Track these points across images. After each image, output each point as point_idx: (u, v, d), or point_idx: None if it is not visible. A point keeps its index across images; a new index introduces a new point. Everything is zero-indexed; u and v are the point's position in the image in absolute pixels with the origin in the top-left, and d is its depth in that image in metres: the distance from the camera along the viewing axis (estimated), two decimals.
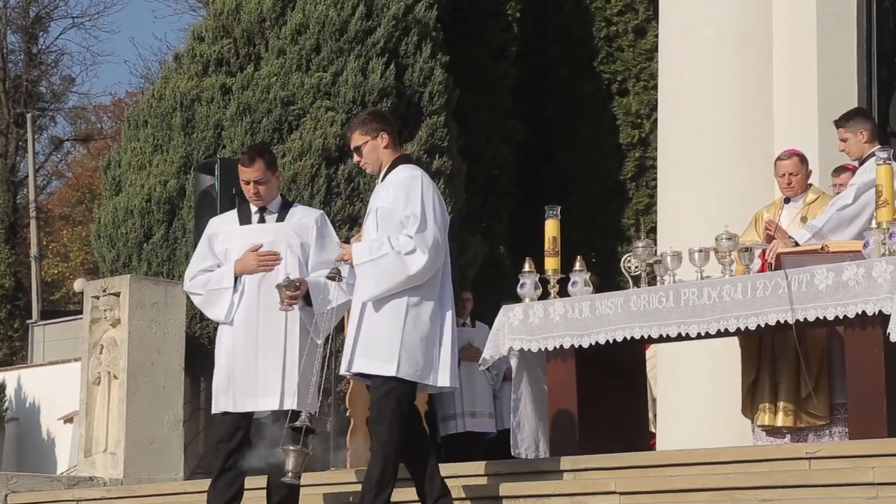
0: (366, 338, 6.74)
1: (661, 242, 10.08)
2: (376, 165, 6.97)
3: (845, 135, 8.32)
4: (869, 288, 7.16)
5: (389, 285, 6.70)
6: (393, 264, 6.69)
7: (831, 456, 6.77)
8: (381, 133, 6.94)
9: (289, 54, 11.63)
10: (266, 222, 7.29)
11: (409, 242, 6.71)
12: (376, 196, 6.95)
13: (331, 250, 7.21)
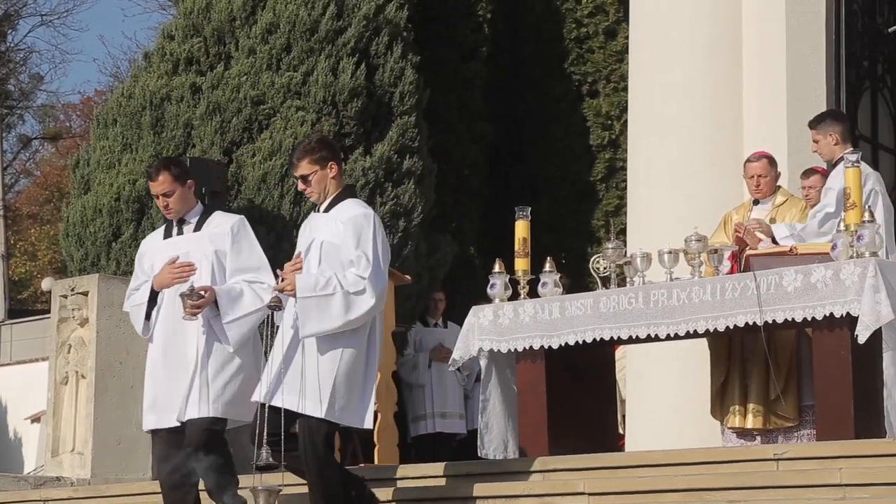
0: (298, 375, 6.56)
1: (631, 244, 10.10)
2: (322, 195, 6.85)
3: (817, 136, 8.36)
4: (837, 290, 7.20)
5: (333, 325, 6.56)
6: (340, 303, 6.55)
7: (799, 457, 6.80)
8: (330, 163, 6.84)
9: (259, 54, 11.60)
10: (184, 234, 7.18)
11: (360, 282, 6.59)
12: (318, 227, 6.79)
13: (247, 256, 7.07)
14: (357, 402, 6.68)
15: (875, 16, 11.00)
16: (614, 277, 8.31)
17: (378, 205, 11.31)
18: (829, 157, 8.30)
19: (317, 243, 6.74)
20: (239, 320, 6.93)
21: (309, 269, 6.67)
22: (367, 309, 6.60)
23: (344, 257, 6.66)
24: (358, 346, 6.67)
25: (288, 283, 6.59)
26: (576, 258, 13.03)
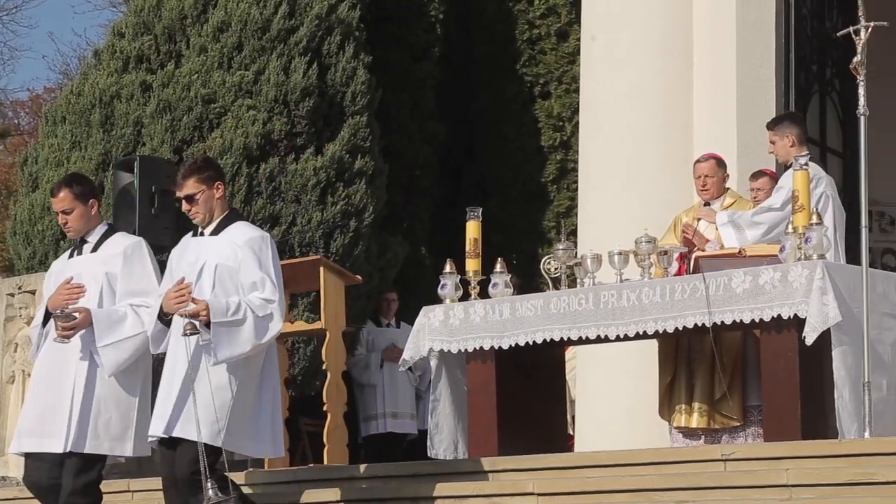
0: (191, 401, 6.39)
1: (582, 245, 10.14)
2: (207, 216, 6.70)
3: (774, 138, 8.45)
4: (785, 292, 7.25)
5: (244, 349, 6.43)
6: (252, 328, 6.43)
7: (746, 458, 6.85)
8: (217, 183, 6.72)
9: (210, 52, 11.54)
10: (82, 254, 7.03)
11: (268, 306, 6.49)
12: (206, 250, 6.63)
13: (138, 279, 6.90)
14: (258, 429, 6.56)
15: (824, 20, 11.08)
16: (565, 278, 8.34)
17: (329, 204, 11.29)
18: (785, 159, 8.38)
19: (209, 266, 6.58)
20: (116, 345, 6.73)
21: (201, 293, 6.50)
22: (276, 332, 6.52)
23: (243, 280, 6.52)
24: (253, 372, 6.54)
25: (200, 307, 6.41)
26: (527, 259, 13.06)
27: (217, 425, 6.40)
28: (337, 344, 9.19)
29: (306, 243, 11.18)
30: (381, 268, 11.93)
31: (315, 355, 10.85)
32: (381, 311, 12.07)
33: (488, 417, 8.26)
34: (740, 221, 8.21)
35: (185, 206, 6.73)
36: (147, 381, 6.91)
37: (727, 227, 8.25)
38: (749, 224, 8.19)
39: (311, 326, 9.62)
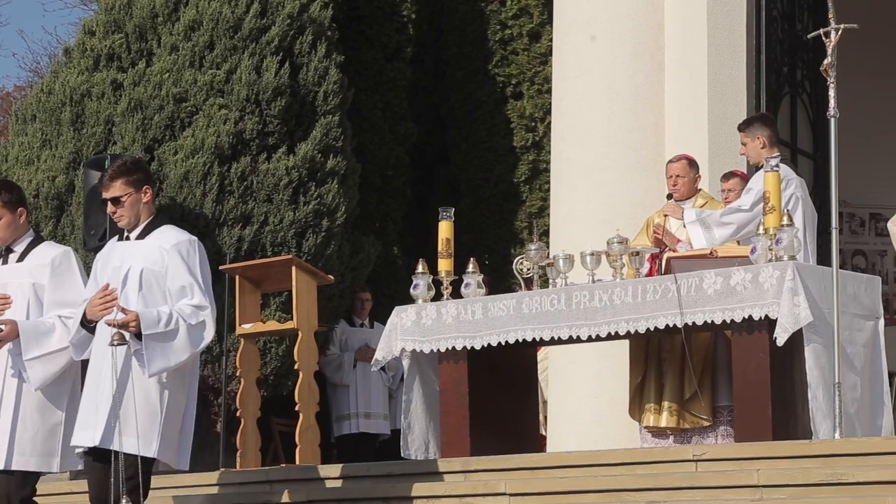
0: (124, 412, 6.25)
1: (554, 245, 10.15)
2: (133, 220, 6.55)
3: (745, 139, 8.50)
4: (756, 293, 7.28)
5: (179, 359, 6.31)
6: (185, 338, 6.31)
7: (717, 458, 6.87)
8: (145, 186, 6.56)
9: (182, 51, 11.50)
10: (8, 263, 6.84)
11: (199, 313, 6.38)
12: (132, 255, 6.49)
13: (67, 289, 6.71)
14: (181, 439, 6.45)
15: (795, 22, 11.13)
16: (537, 279, 8.36)
17: (301, 204, 11.27)
18: (756, 161, 8.43)
19: (135, 271, 6.44)
20: (43, 358, 6.55)
21: (127, 299, 6.37)
22: (209, 339, 6.42)
23: (171, 285, 6.41)
24: (179, 381, 6.43)
25: (130, 317, 6.25)
26: (499, 259, 13.07)
27: (150, 436, 6.28)
28: (309, 344, 9.18)
29: (278, 243, 11.16)
30: (353, 267, 11.91)
31: (287, 355, 10.83)
32: (355, 310, 12.06)
33: (460, 417, 8.26)
34: (709, 220, 8.25)
35: (110, 208, 6.57)
36: (75, 393, 6.73)
37: (695, 225, 8.29)
38: (718, 223, 8.23)
39: (282, 326, 9.60)
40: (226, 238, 11.09)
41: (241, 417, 9.37)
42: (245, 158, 11.28)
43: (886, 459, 6.39)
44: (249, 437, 9.30)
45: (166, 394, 6.38)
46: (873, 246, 13.48)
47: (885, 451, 6.47)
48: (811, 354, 7.20)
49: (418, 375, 8.61)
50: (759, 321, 7.30)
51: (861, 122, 12.16)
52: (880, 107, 13.00)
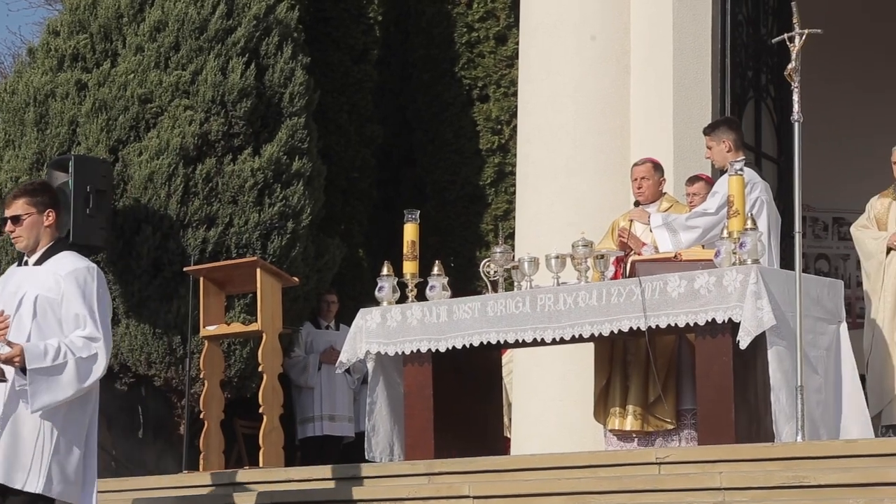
0: (12, 445, 5.98)
1: (519, 248, 10.17)
2: (32, 243, 6.25)
3: (710, 143, 8.54)
4: (719, 296, 7.31)
5: (66, 394, 6.02)
6: (73, 371, 6.03)
7: (680, 461, 6.90)
8: (48, 210, 6.25)
9: (147, 51, 11.45)
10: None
11: (91, 346, 6.08)
12: (27, 281, 6.22)
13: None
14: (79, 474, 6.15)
15: (759, 27, 11.18)
16: (502, 281, 8.37)
17: (266, 206, 11.24)
18: (722, 164, 8.47)
19: (29, 297, 6.17)
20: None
21: (20, 326, 6.13)
22: (101, 374, 6.13)
23: (65, 313, 6.13)
24: (75, 414, 6.16)
25: (15, 353, 5.96)
26: (464, 262, 13.08)
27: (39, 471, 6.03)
28: (273, 346, 9.16)
29: (243, 244, 11.13)
30: (318, 270, 11.89)
31: (251, 357, 10.80)
32: (321, 312, 12.04)
33: (425, 420, 8.26)
34: (675, 225, 8.27)
35: (8, 226, 6.29)
36: None
37: (661, 229, 8.32)
38: (684, 227, 8.25)
39: (247, 328, 9.58)
40: (190, 239, 11.05)
41: (204, 419, 9.34)
42: (210, 160, 11.24)
43: (848, 462, 6.43)
44: (213, 439, 9.27)
45: (57, 428, 6.09)
46: (836, 250, 13.55)
47: (847, 453, 6.52)
48: (774, 357, 7.23)
49: (383, 378, 8.60)
50: (722, 324, 7.33)
51: (825, 126, 12.23)
52: (844, 111, 13.09)
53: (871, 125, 12.90)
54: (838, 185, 12.71)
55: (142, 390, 11.59)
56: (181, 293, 10.95)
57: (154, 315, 11.12)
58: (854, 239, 9.19)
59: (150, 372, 11.18)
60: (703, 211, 8.28)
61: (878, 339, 8.82)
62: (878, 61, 13.25)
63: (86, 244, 10.72)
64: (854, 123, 13.18)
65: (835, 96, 12.90)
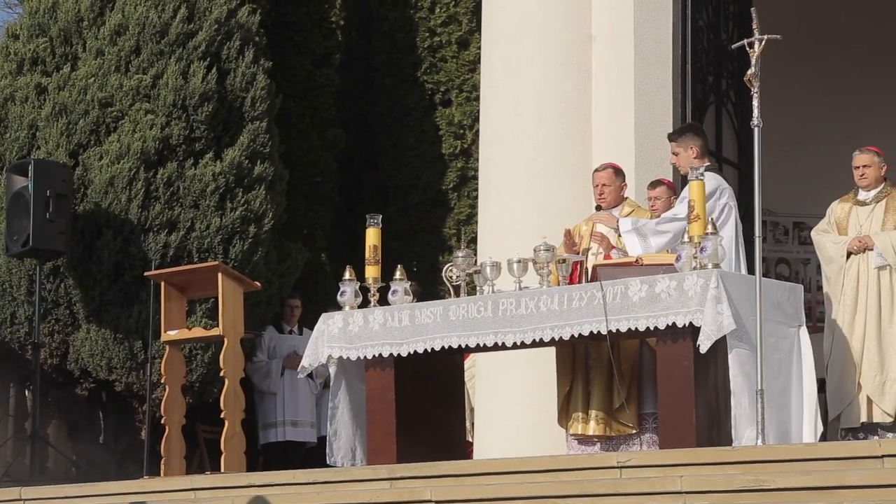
0: None
1: (482, 253, 10.17)
2: None
3: (677, 149, 8.57)
4: (680, 300, 7.34)
5: None
6: None
7: (642, 465, 6.91)
8: None
9: (107, 55, 11.40)
10: None
11: None
12: None
13: None
14: None
15: (720, 32, 11.23)
16: (464, 286, 8.37)
17: (228, 210, 11.21)
18: (688, 170, 8.49)
19: None
20: None
21: None
22: None
23: None
24: None
25: None
26: (427, 266, 13.07)
27: None
28: (235, 351, 9.12)
29: (205, 249, 11.09)
30: (280, 274, 11.87)
31: (213, 362, 10.77)
32: (284, 317, 12.00)
33: (387, 424, 8.25)
34: (645, 230, 8.29)
35: None
36: None
37: (631, 234, 8.34)
38: (654, 232, 8.27)
39: (208, 333, 9.53)
40: (151, 244, 11.01)
41: (165, 425, 9.30)
42: (171, 164, 11.20)
43: (808, 466, 6.47)
44: (174, 444, 9.23)
45: None
46: (797, 254, 13.62)
47: (807, 457, 6.55)
48: (735, 361, 7.26)
49: (345, 382, 8.59)
50: (683, 329, 7.35)
51: (785, 131, 12.30)
52: (803, 115, 13.16)
53: (832, 129, 12.99)
54: (799, 189, 12.78)
55: (102, 396, 11.54)
56: (142, 298, 10.91)
57: (115, 320, 11.07)
58: (814, 243, 9.25)
59: (110, 377, 11.13)
60: (672, 216, 8.31)
61: (838, 342, 8.89)
62: (840, 64, 13.32)
63: (46, 249, 10.67)
64: (814, 127, 13.25)
65: (795, 100, 12.97)
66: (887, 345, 8.71)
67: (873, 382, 8.69)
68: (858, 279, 8.83)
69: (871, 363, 8.71)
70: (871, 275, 8.80)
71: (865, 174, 9.02)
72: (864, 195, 9.06)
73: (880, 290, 8.79)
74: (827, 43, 13.23)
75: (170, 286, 9.41)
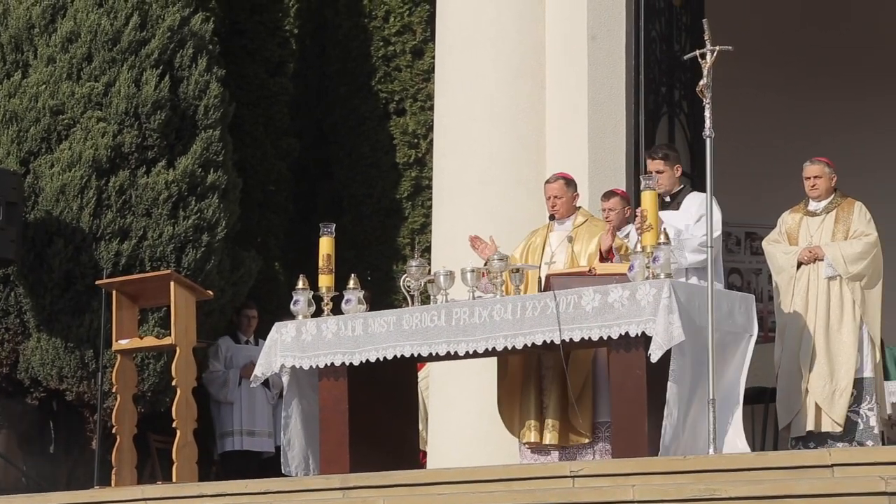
0: None
1: (436, 262, 10.18)
2: None
3: (663, 167, 8.73)
4: (633, 310, 7.38)
5: None
6: None
7: (594, 474, 6.93)
8: None
9: (59, 62, 11.33)
10: None
11: None
12: None
13: None
14: None
15: (672, 43, 11.29)
16: (418, 295, 8.37)
17: (181, 219, 11.16)
18: (670, 188, 8.69)
19: None
20: None
21: None
22: None
23: None
24: None
25: None
26: (381, 275, 13.07)
27: None
28: (187, 360, 9.08)
29: (157, 258, 11.04)
30: (234, 283, 11.82)
31: (165, 371, 10.71)
32: (240, 327, 11.95)
33: (340, 434, 8.24)
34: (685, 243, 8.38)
35: None
36: None
37: None
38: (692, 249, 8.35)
39: (160, 342, 9.49)
40: (103, 252, 10.94)
41: (117, 434, 9.24)
42: (124, 172, 11.14)
43: (759, 475, 6.51)
44: (125, 454, 9.18)
45: None
46: (748, 264, 13.71)
47: (758, 466, 6.59)
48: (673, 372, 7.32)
49: (298, 392, 8.57)
50: (636, 338, 7.39)
51: (736, 140, 12.37)
52: (754, 126, 13.24)
53: (782, 139, 13.08)
54: (750, 199, 12.86)
55: (53, 405, 11.46)
56: (93, 307, 10.84)
57: (66, 329, 11.00)
58: (766, 253, 9.31)
59: (61, 386, 11.05)
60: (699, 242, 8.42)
61: (788, 352, 8.95)
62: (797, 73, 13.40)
63: None
64: (765, 138, 13.34)
65: (746, 110, 13.04)
66: (836, 354, 8.78)
67: (823, 392, 8.76)
68: (808, 289, 8.91)
69: (820, 373, 8.78)
70: (821, 285, 8.87)
71: (816, 185, 9.10)
72: (815, 206, 9.13)
73: (830, 300, 8.86)
74: (787, 53, 13.32)
75: (121, 295, 9.36)
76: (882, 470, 6.15)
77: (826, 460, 6.42)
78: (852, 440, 8.77)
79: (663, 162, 8.74)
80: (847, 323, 8.81)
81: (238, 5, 13.36)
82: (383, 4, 13.86)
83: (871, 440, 8.77)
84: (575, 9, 10.47)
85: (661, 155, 8.82)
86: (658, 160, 8.77)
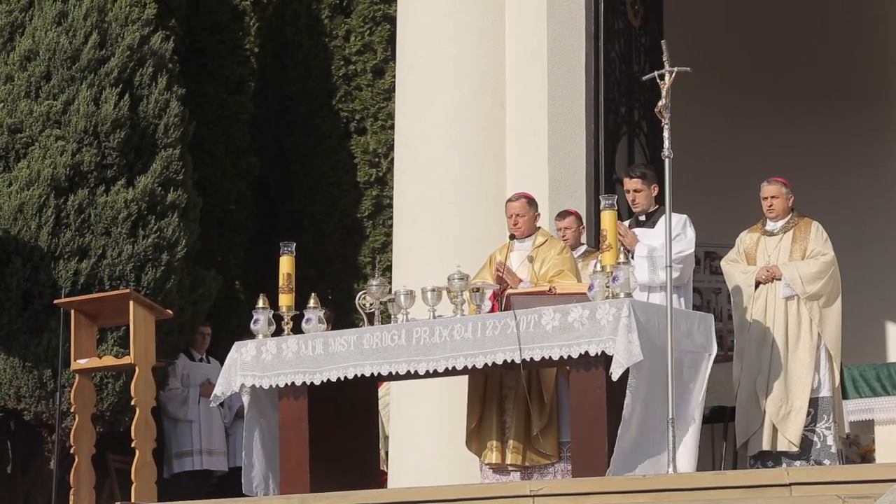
0: None
1: (396, 281, 10.18)
2: None
3: (640, 186, 8.80)
4: (593, 329, 7.40)
5: None
6: None
7: (554, 493, 6.94)
8: None
9: (17, 81, 11.27)
10: None
11: None
12: None
13: None
14: None
15: (632, 63, 11.36)
16: (378, 314, 8.37)
17: (140, 237, 11.12)
18: (646, 208, 8.78)
19: None
20: None
21: None
22: None
23: None
24: None
25: None
26: (342, 294, 13.06)
27: None
28: (146, 379, 9.05)
29: (116, 276, 10.99)
30: (193, 302, 11.78)
31: (124, 390, 10.65)
32: (195, 344, 11.92)
33: (300, 453, 8.22)
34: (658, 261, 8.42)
35: None
36: None
37: (644, 260, 8.48)
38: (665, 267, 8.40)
39: (119, 361, 9.45)
40: (62, 272, 10.88)
41: (75, 454, 9.19)
42: (83, 191, 11.09)
43: (717, 494, 6.54)
44: (83, 474, 9.12)
45: None
46: (708, 284, 13.76)
47: (716, 485, 6.62)
48: (630, 391, 7.35)
49: (258, 411, 8.55)
50: (595, 357, 7.41)
51: (695, 161, 12.43)
52: (714, 146, 13.30)
53: (741, 159, 13.14)
54: (709, 219, 12.91)
55: (11, 425, 11.37)
56: (52, 326, 10.77)
57: (24, 348, 10.92)
58: (724, 273, 9.37)
59: (19, 406, 10.97)
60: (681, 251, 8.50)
61: (746, 370, 9.00)
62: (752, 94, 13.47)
63: None
64: (722, 158, 13.40)
65: (704, 130, 13.09)
66: (792, 373, 8.84)
67: (779, 412, 8.81)
68: (766, 308, 8.96)
69: (777, 392, 8.83)
70: (779, 304, 8.93)
71: (773, 205, 9.17)
72: (772, 226, 9.20)
73: (787, 319, 8.92)
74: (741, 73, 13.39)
75: (80, 314, 9.31)
76: (839, 489, 6.19)
77: (784, 479, 6.46)
78: (809, 459, 8.82)
79: (641, 181, 8.82)
80: (804, 342, 8.86)
81: (198, 24, 13.35)
82: (344, 24, 13.89)
83: (829, 459, 8.82)
84: (534, 29, 10.53)
85: (638, 174, 8.89)
86: (636, 179, 8.84)
